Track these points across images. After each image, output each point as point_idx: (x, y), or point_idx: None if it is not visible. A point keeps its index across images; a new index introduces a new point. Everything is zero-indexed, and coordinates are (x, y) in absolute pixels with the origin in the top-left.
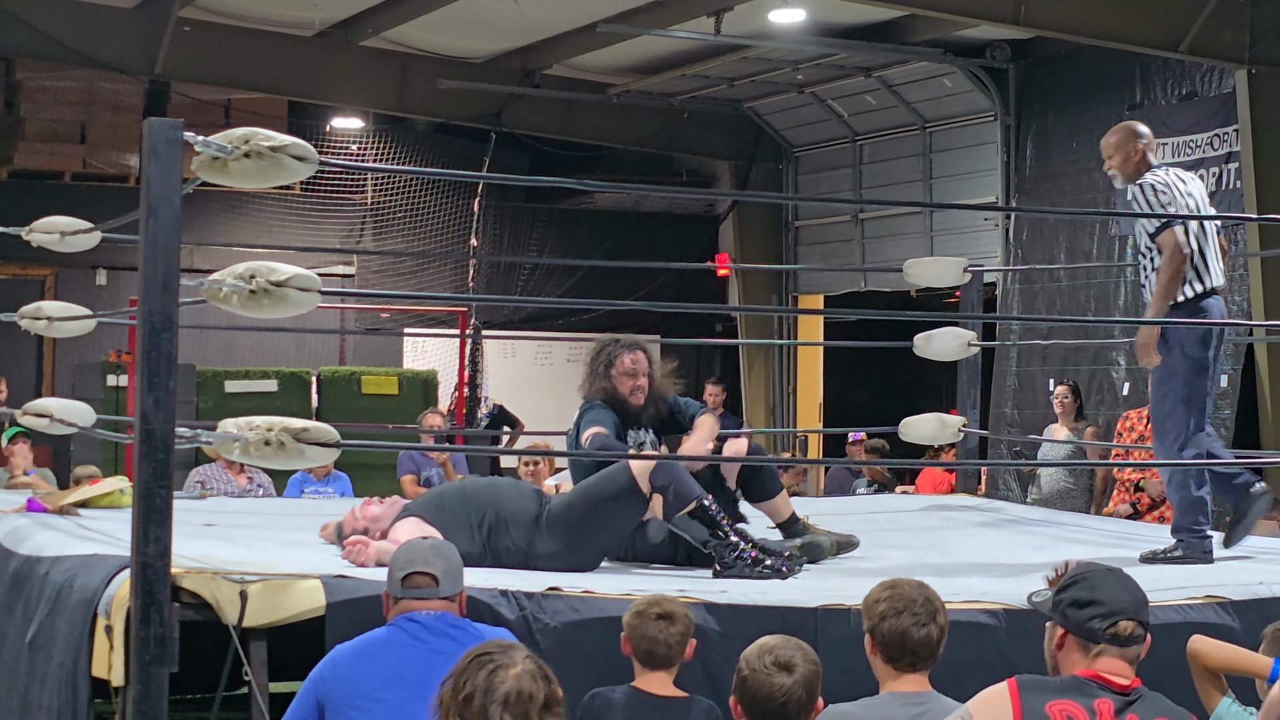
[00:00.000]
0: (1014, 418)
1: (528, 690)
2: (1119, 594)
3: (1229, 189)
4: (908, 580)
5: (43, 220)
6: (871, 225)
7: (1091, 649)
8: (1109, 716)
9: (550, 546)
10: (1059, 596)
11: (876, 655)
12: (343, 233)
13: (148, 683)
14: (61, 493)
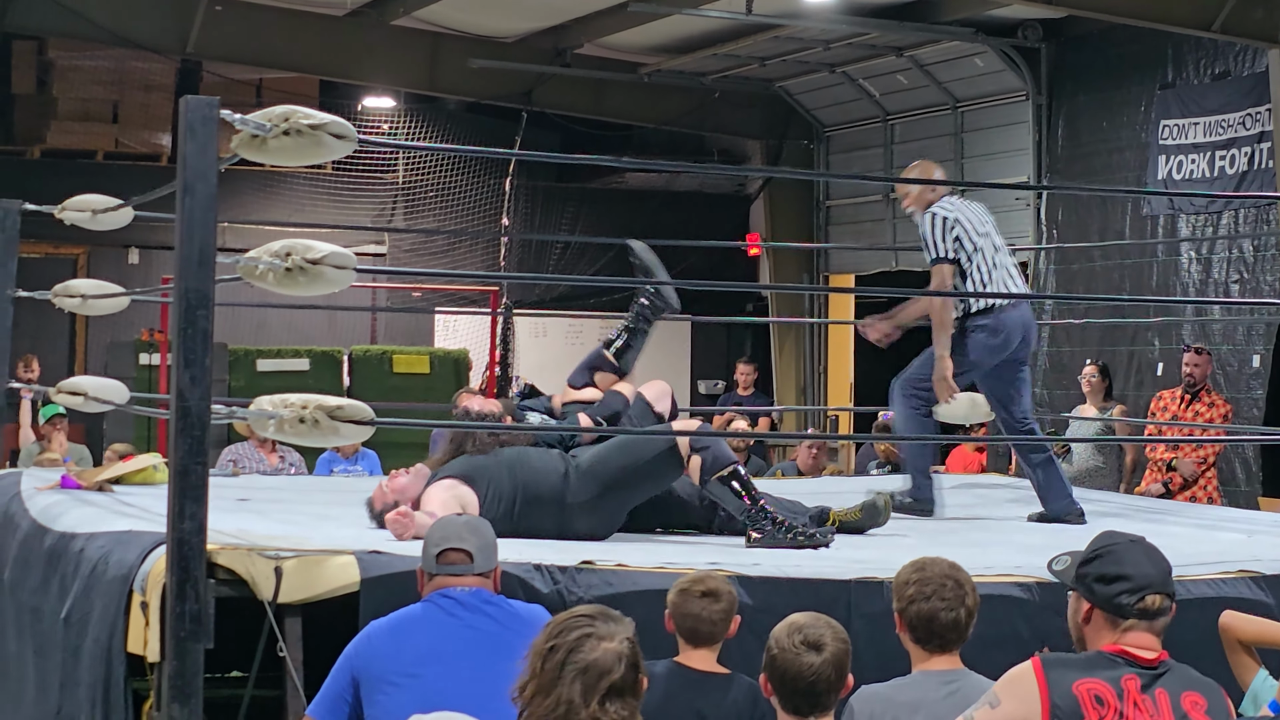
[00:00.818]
0: (1044, 398)
1: (608, 667)
2: (1146, 567)
3: (1261, 169)
4: (937, 560)
5: (75, 198)
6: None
7: (1120, 624)
8: (1136, 693)
9: (583, 496)
10: (1084, 570)
11: (906, 635)
12: (374, 212)
13: (183, 658)
14: (95, 469)
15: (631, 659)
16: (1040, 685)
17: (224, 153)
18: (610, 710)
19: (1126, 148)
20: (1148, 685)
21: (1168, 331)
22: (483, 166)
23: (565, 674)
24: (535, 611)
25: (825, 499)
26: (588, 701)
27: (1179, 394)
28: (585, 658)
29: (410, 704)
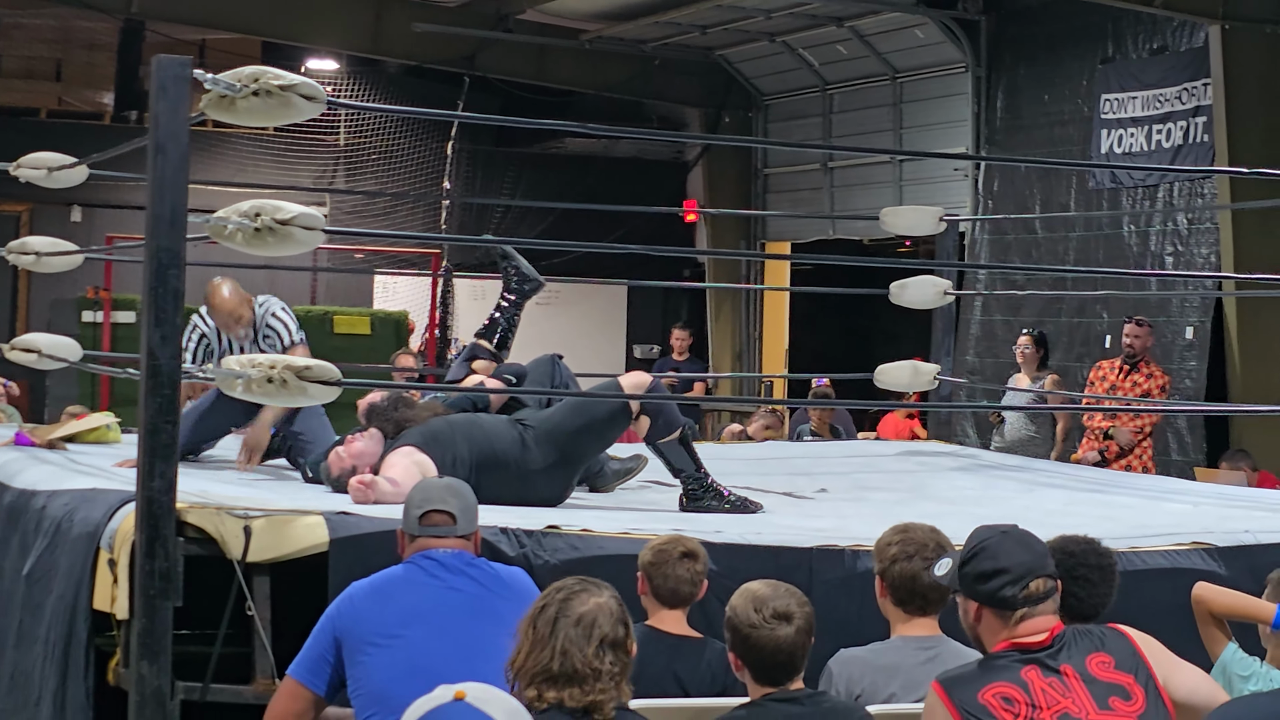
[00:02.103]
0: (976, 366)
1: (599, 620)
2: (1021, 555)
3: (1196, 143)
4: (919, 524)
5: (29, 156)
6: (841, 174)
7: (1010, 616)
8: (1040, 680)
9: (542, 461)
10: (964, 571)
11: (887, 598)
12: (315, 173)
13: (152, 616)
14: (49, 426)
15: (621, 617)
16: (949, 708)
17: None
18: (606, 660)
19: (1069, 121)
20: (1049, 667)
21: (1118, 304)
22: (424, 130)
23: (559, 626)
24: (515, 574)
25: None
26: (582, 649)
27: (1118, 364)
28: (577, 610)
29: (393, 664)
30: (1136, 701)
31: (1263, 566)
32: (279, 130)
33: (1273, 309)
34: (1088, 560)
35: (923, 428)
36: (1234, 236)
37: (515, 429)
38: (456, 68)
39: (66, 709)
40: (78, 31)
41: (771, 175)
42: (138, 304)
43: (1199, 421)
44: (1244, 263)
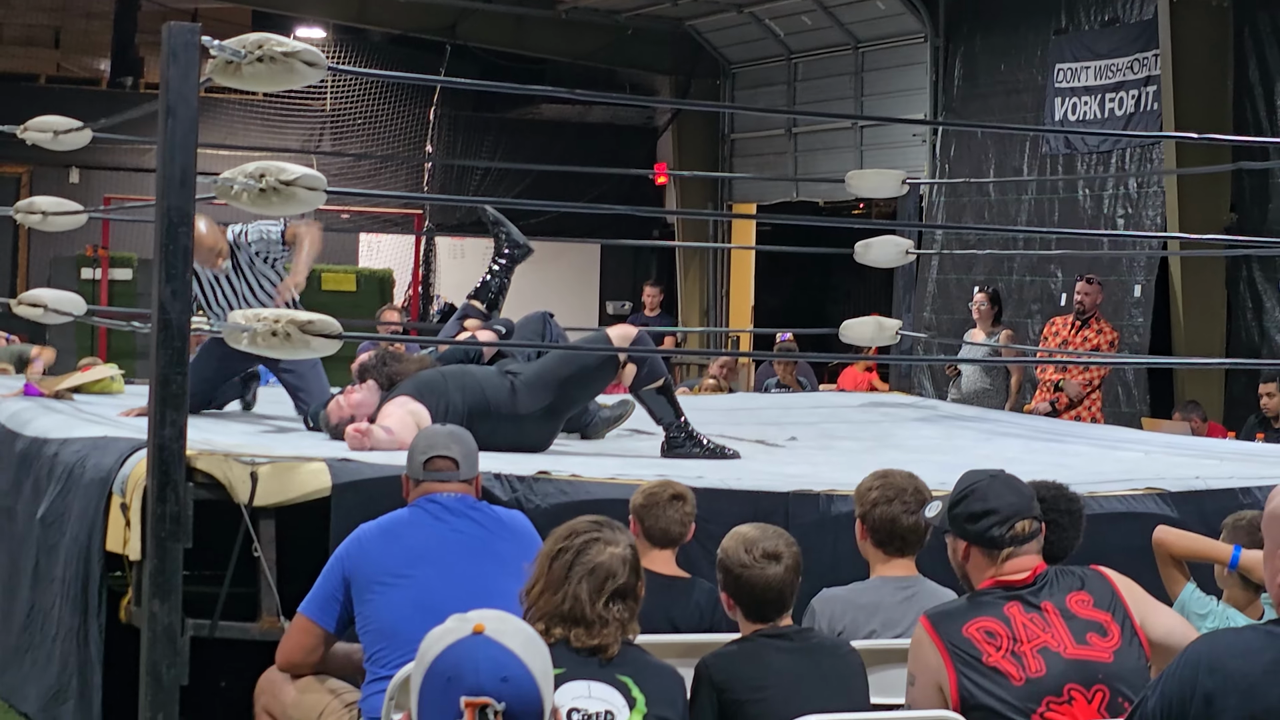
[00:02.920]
0: (933, 322)
1: (613, 569)
2: (1009, 497)
3: (1146, 111)
4: (898, 470)
5: (35, 120)
6: (804, 139)
7: (997, 555)
8: (1022, 615)
9: (534, 406)
10: (954, 512)
11: (867, 540)
12: (303, 136)
13: (163, 557)
14: (56, 378)
15: (634, 564)
16: (935, 642)
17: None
18: (614, 610)
19: (1024, 90)
20: (1030, 604)
21: (1073, 262)
22: (407, 96)
23: (573, 574)
24: (515, 516)
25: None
26: (594, 600)
27: (1070, 320)
28: (593, 559)
29: (401, 602)
30: (1113, 638)
31: (1212, 511)
32: (269, 96)
33: (1213, 268)
34: (1058, 505)
35: (882, 380)
36: (1179, 199)
37: (506, 378)
38: (438, 36)
39: (88, 644)
40: (75, 1)
41: (738, 140)
42: (134, 261)
43: (1144, 374)
44: (1188, 224)
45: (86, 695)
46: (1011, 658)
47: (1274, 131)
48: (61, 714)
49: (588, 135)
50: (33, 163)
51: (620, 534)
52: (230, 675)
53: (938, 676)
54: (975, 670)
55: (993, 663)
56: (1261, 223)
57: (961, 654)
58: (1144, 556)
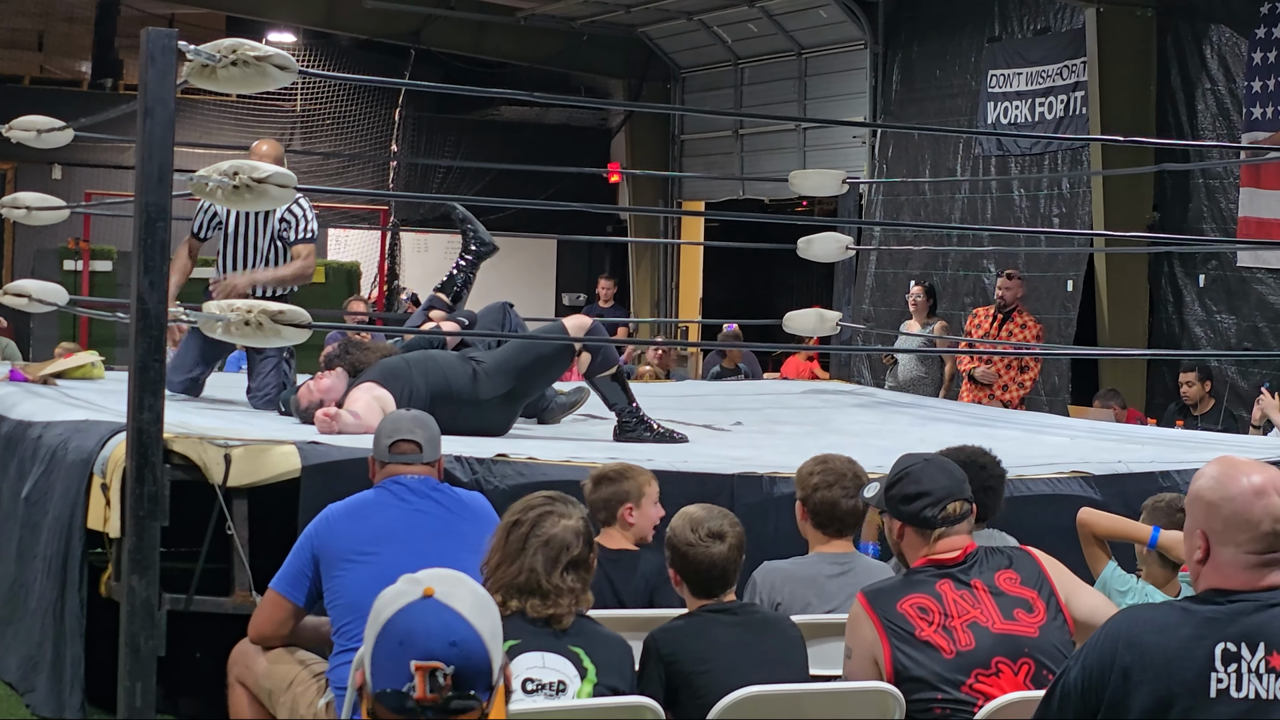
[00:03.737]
0: (872, 313)
1: (568, 541)
2: (941, 480)
3: (1075, 115)
4: (837, 456)
5: (20, 119)
6: (750, 140)
7: (930, 534)
8: (953, 592)
9: (495, 392)
10: (890, 493)
11: (807, 521)
12: (274, 136)
13: (141, 535)
14: (40, 364)
15: (587, 536)
16: (871, 617)
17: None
18: (568, 580)
19: (959, 94)
20: (961, 581)
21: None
22: (373, 98)
23: (529, 546)
24: (476, 497)
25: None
26: (549, 571)
27: (992, 312)
28: (547, 532)
29: (367, 578)
30: (1038, 614)
31: (1133, 493)
32: (242, 97)
33: (1137, 264)
34: (995, 470)
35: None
36: (1104, 199)
37: (469, 364)
38: (403, 41)
39: (65, 617)
40: (58, 5)
41: (687, 141)
42: (114, 253)
43: (1068, 364)
44: (1113, 223)
45: (59, 665)
46: (943, 632)
47: (1194, 134)
48: (36, 683)
49: (545, 136)
50: (17, 159)
51: (573, 507)
52: (205, 647)
53: (873, 650)
54: (908, 644)
55: (925, 637)
56: (1183, 221)
57: (895, 628)
58: (1069, 536)
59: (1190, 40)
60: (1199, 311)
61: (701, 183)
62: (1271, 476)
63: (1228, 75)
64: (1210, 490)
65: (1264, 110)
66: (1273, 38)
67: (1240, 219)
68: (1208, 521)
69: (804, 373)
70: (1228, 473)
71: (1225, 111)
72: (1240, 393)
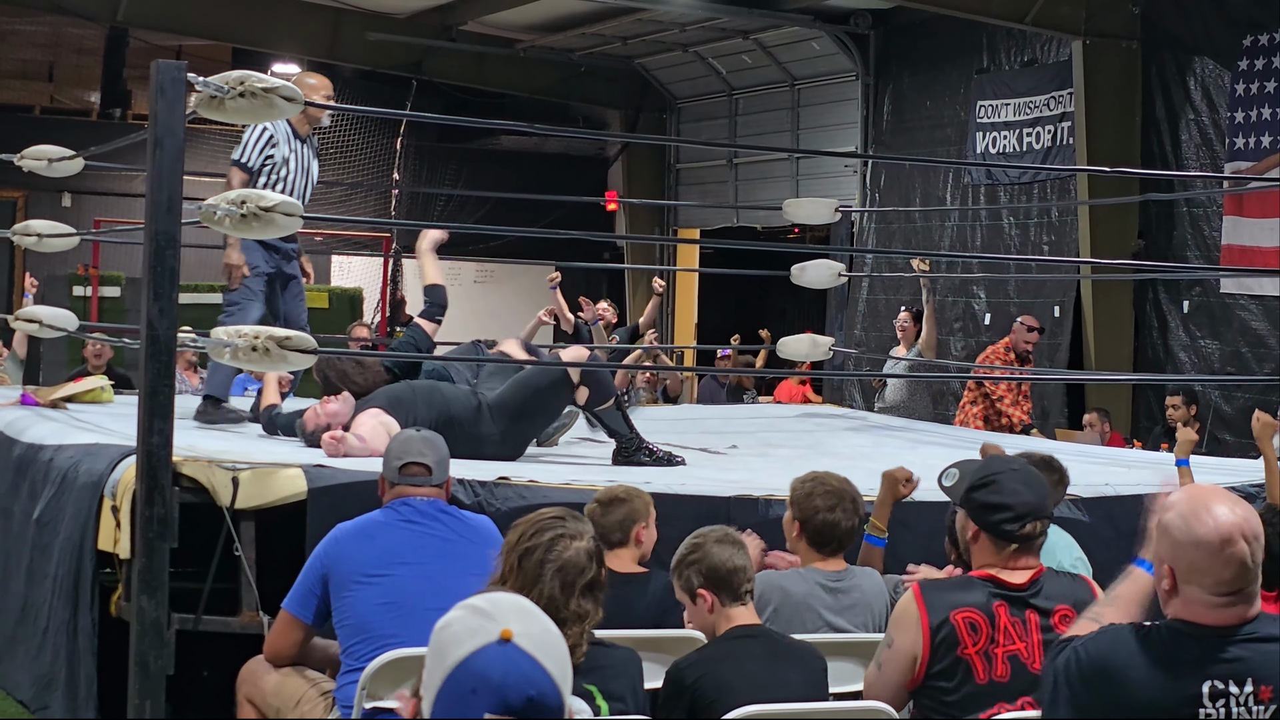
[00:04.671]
0: (862, 338)
1: (582, 565)
2: (1026, 495)
3: (1062, 145)
4: (831, 474)
5: (32, 148)
6: (744, 169)
7: (1005, 547)
8: (1006, 617)
9: (495, 429)
10: (972, 495)
11: (803, 540)
12: None
13: (151, 556)
14: (50, 388)
15: (598, 556)
16: (922, 618)
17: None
18: (584, 604)
19: (948, 124)
20: (1017, 609)
21: (995, 285)
22: (376, 127)
23: (545, 572)
24: (483, 521)
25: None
26: (567, 596)
27: (1012, 359)
28: (561, 556)
29: (376, 599)
30: None
31: (1120, 515)
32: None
33: (1122, 290)
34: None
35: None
36: (1090, 227)
37: (475, 398)
38: (405, 72)
39: (78, 636)
40: (68, 37)
41: (683, 170)
42: (122, 279)
43: (1061, 391)
44: (1099, 250)
45: (73, 683)
46: (983, 656)
47: (1179, 164)
48: (51, 700)
49: (544, 165)
50: (28, 188)
51: (583, 525)
52: (213, 666)
53: (914, 649)
54: (948, 657)
55: (965, 654)
56: (1167, 248)
57: (941, 637)
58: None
59: (1174, 72)
60: (1183, 337)
61: (696, 211)
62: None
63: (1211, 106)
64: (1178, 529)
65: (1246, 140)
66: (1255, 70)
67: (1224, 246)
68: (1174, 559)
69: (797, 396)
70: (1195, 512)
71: (1209, 141)
72: (1224, 416)
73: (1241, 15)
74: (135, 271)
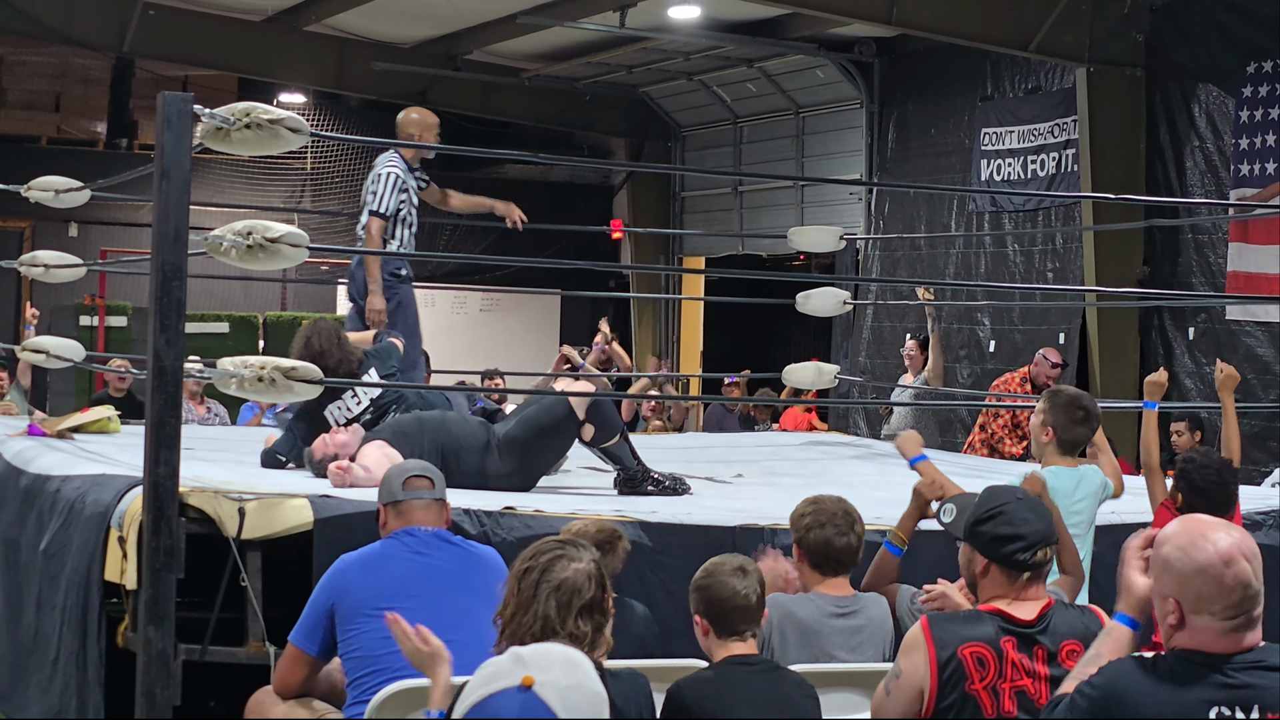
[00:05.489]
0: (867, 366)
1: (579, 585)
2: (1034, 524)
3: (1067, 172)
4: (828, 496)
5: (39, 180)
6: (749, 197)
7: (1017, 577)
8: (1014, 652)
9: (502, 468)
10: (979, 529)
11: (804, 563)
12: (285, 194)
13: (158, 587)
14: (57, 419)
15: (599, 579)
16: (929, 651)
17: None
18: (582, 625)
19: (952, 152)
20: (1025, 644)
21: (1000, 312)
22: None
23: (540, 592)
24: (488, 551)
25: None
26: (563, 617)
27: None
28: (558, 576)
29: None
30: None
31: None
32: (254, 156)
33: (1128, 317)
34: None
35: (821, 420)
36: (1095, 254)
37: (485, 433)
38: (410, 101)
39: (87, 666)
40: (74, 68)
41: (688, 198)
42: (129, 309)
43: None
44: (1104, 277)
45: (83, 714)
46: (990, 692)
47: (1184, 191)
48: None
49: (549, 193)
50: (35, 218)
51: (584, 550)
52: (219, 696)
53: (921, 683)
54: (955, 692)
55: (973, 689)
56: (1172, 275)
57: (948, 672)
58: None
59: (1179, 99)
60: (1189, 363)
61: (701, 239)
62: (1235, 538)
63: (1215, 133)
64: (1179, 561)
65: (1251, 167)
66: (1259, 96)
67: (1229, 273)
68: (1180, 591)
69: (803, 424)
70: (1194, 540)
71: (1214, 168)
72: None
73: (1245, 42)
74: (142, 301)
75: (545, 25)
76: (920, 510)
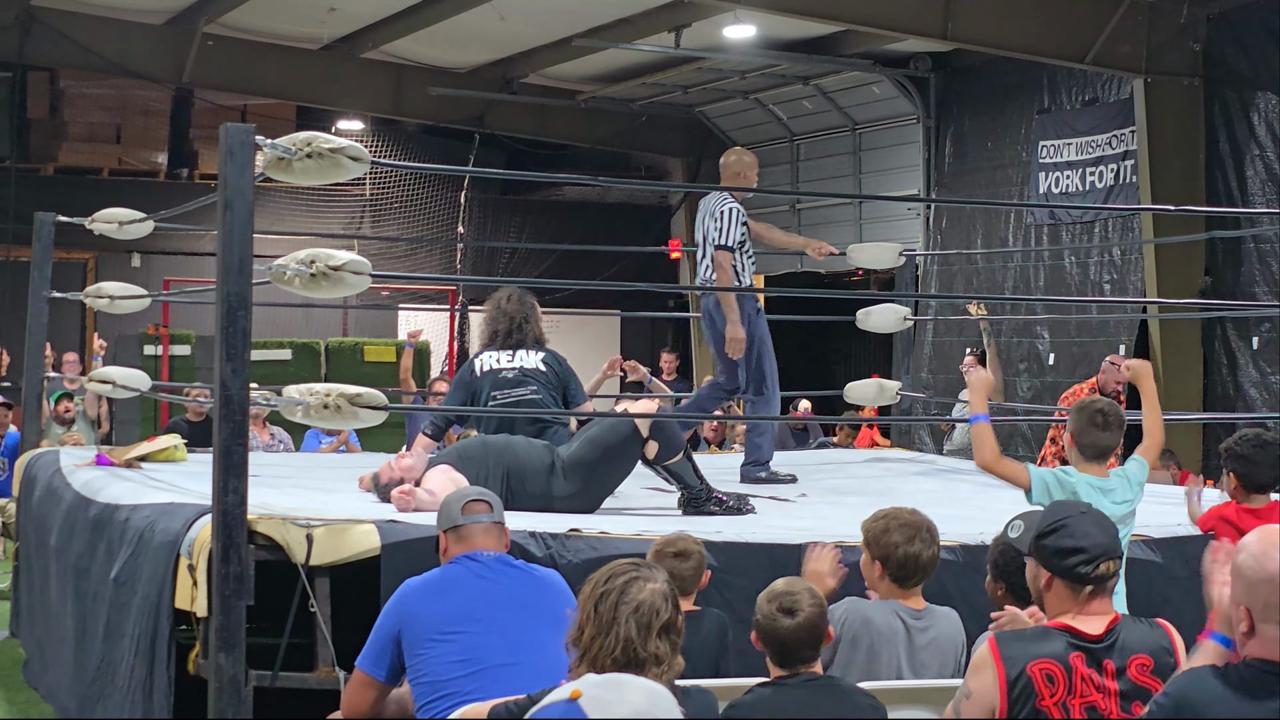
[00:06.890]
0: (929, 381)
1: (657, 606)
2: (1098, 537)
3: (1126, 183)
4: (902, 508)
5: (102, 212)
6: (807, 214)
7: (1080, 591)
8: (1083, 668)
9: (567, 490)
10: (1042, 542)
11: (885, 578)
12: (345, 221)
13: (228, 613)
14: (125, 448)
15: (673, 599)
16: (998, 669)
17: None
18: (661, 646)
19: (1009, 165)
20: (1094, 659)
21: (1059, 325)
22: (440, 181)
23: (620, 614)
24: (551, 574)
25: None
26: (644, 638)
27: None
28: (636, 598)
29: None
30: None
31: (1192, 555)
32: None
33: (1190, 328)
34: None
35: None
36: (1156, 265)
37: (549, 455)
38: (468, 126)
39: (154, 694)
40: (135, 99)
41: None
42: (192, 338)
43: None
44: (1166, 288)
45: None
46: (1060, 708)
47: (1244, 199)
48: None
49: (607, 214)
50: (98, 249)
51: (657, 571)
52: None
53: (991, 701)
54: (1025, 709)
55: (1042, 706)
56: (1235, 285)
57: (1018, 691)
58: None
59: (1237, 107)
60: (1253, 374)
61: (760, 256)
62: None
63: (1275, 141)
64: (1250, 569)
65: None
66: None
67: None
68: (1249, 599)
69: (865, 440)
70: (1266, 550)
71: (1275, 176)
72: None
73: None
74: (205, 329)
75: (600, 47)
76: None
